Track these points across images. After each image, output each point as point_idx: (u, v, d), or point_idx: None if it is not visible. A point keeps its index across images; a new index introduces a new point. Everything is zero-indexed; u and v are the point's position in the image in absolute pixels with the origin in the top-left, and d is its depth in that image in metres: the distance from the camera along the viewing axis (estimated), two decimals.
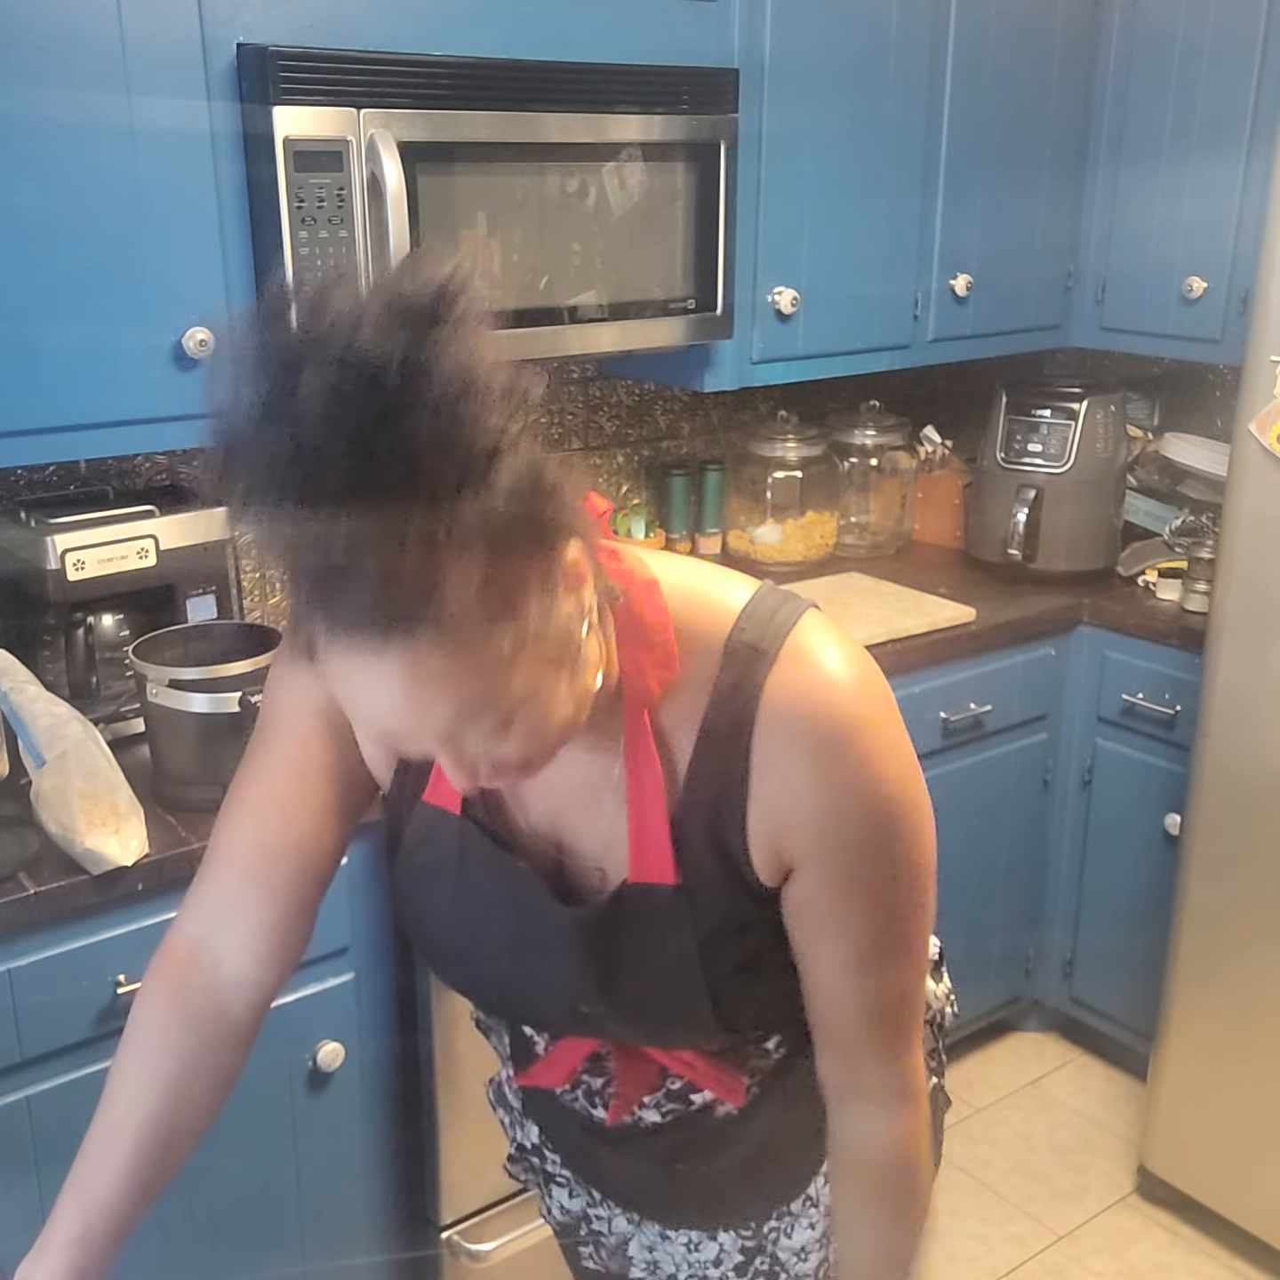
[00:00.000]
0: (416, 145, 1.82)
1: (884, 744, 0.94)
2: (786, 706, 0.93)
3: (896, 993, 1.02)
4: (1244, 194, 2.49)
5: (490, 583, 0.76)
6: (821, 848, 0.95)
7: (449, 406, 0.76)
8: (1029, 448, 2.73)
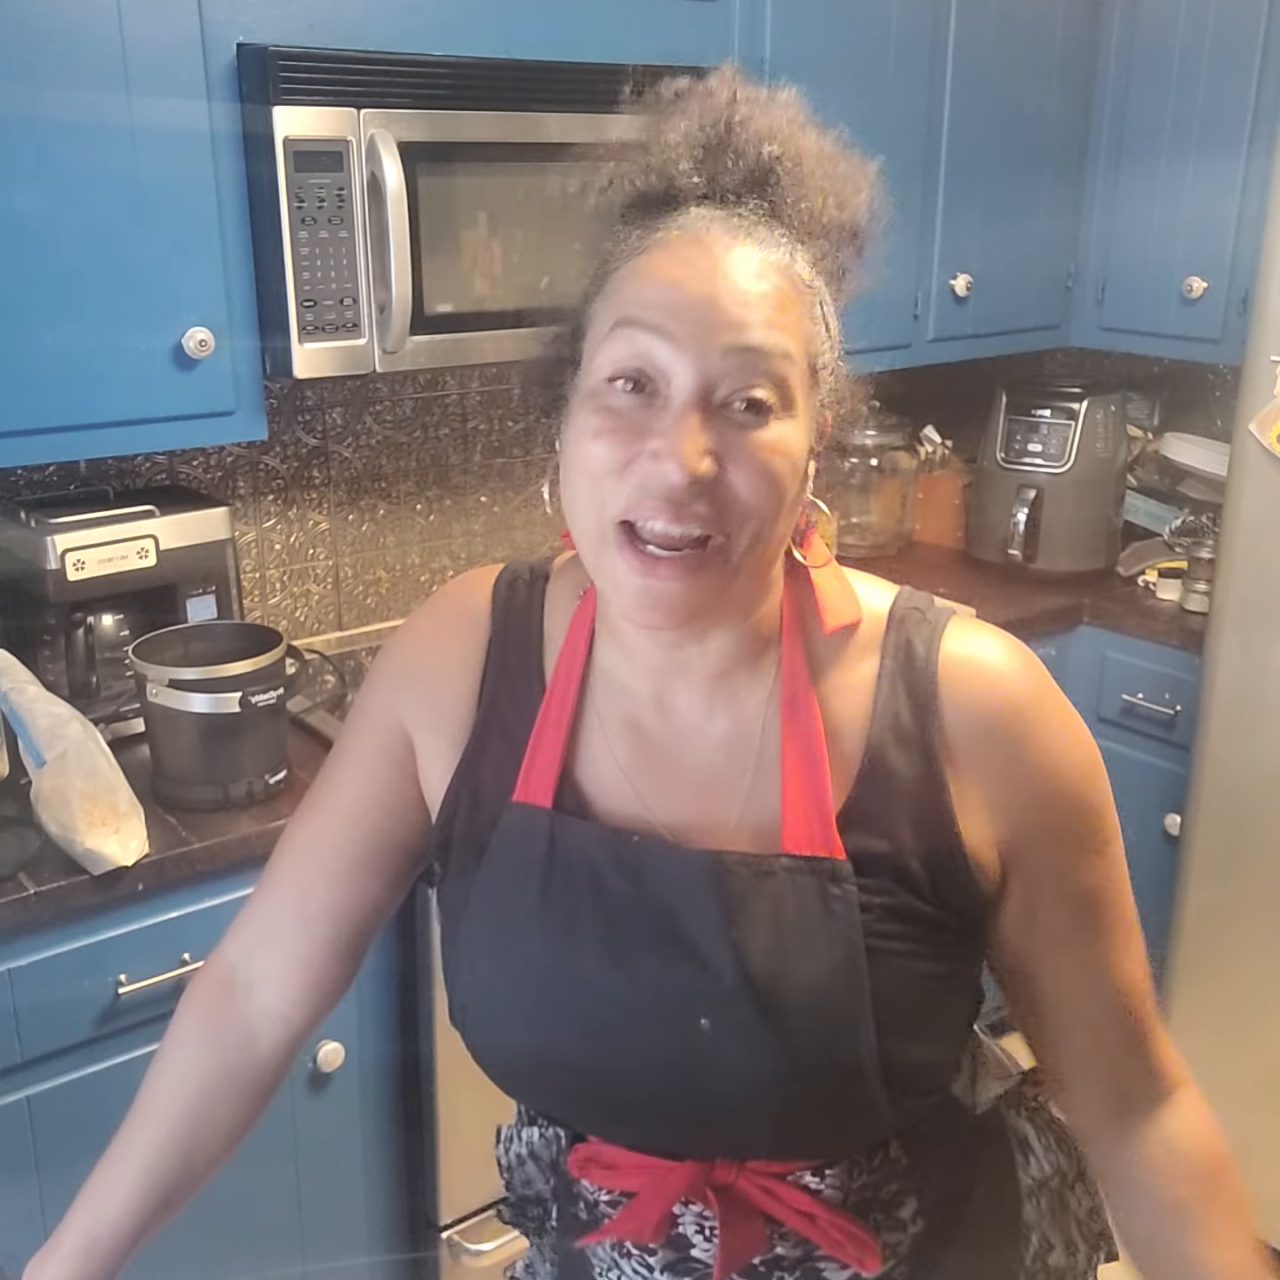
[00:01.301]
0: (416, 145, 1.82)
1: (1062, 709, 0.90)
2: (968, 669, 0.87)
3: (1144, 971, 0.95)
4: (1244, 194, 2.49)
5: (832, 334, 0.85)
6: (1042, 826, 0.88)
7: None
8: (1029, 448, 2.73)
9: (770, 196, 0.84)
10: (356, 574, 2.41)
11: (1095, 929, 0.92)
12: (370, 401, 2.35)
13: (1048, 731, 0.88)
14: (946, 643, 0.88)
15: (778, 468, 0.80)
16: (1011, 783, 0.87)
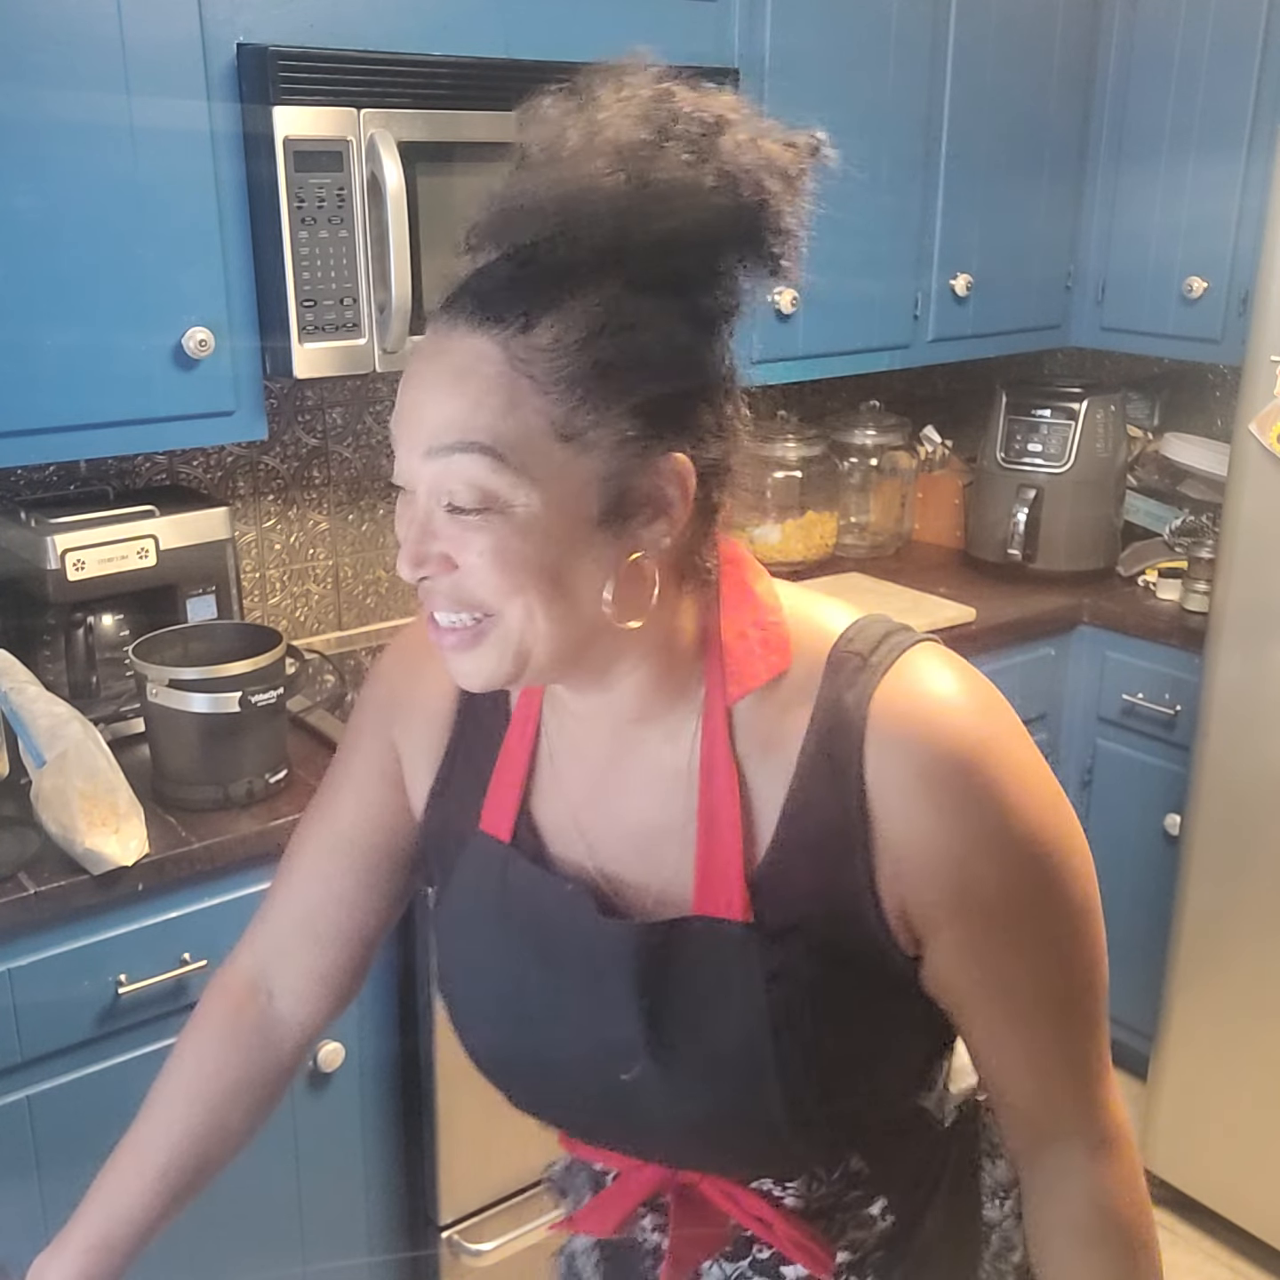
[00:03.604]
0: (416, 145, 1.82)
1: (1015, 766, 0.82)
2: (895, 727, 0.81)
3: (1078, 1044, 0.88)
4: (1244, 194, 2.49)
5: (597, 398, 0.75)
6: (962, 901, 0.82)
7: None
8: (1029, 448, 2.73)
9: (494, 273, 0.82)
10: (356, 574, 2.41)
11: (1021, 1009, 0.86)
12: (370, 401, 2.35)
13: (989, 792, 0.81)
14: (883, 689, 0.81)
15: (504, 559, 0.76)
16: (930, 851, 0.81)
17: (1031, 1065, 0.88)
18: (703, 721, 0.85)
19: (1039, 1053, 0.87)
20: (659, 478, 0.78)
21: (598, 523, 0.77)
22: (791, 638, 0.85)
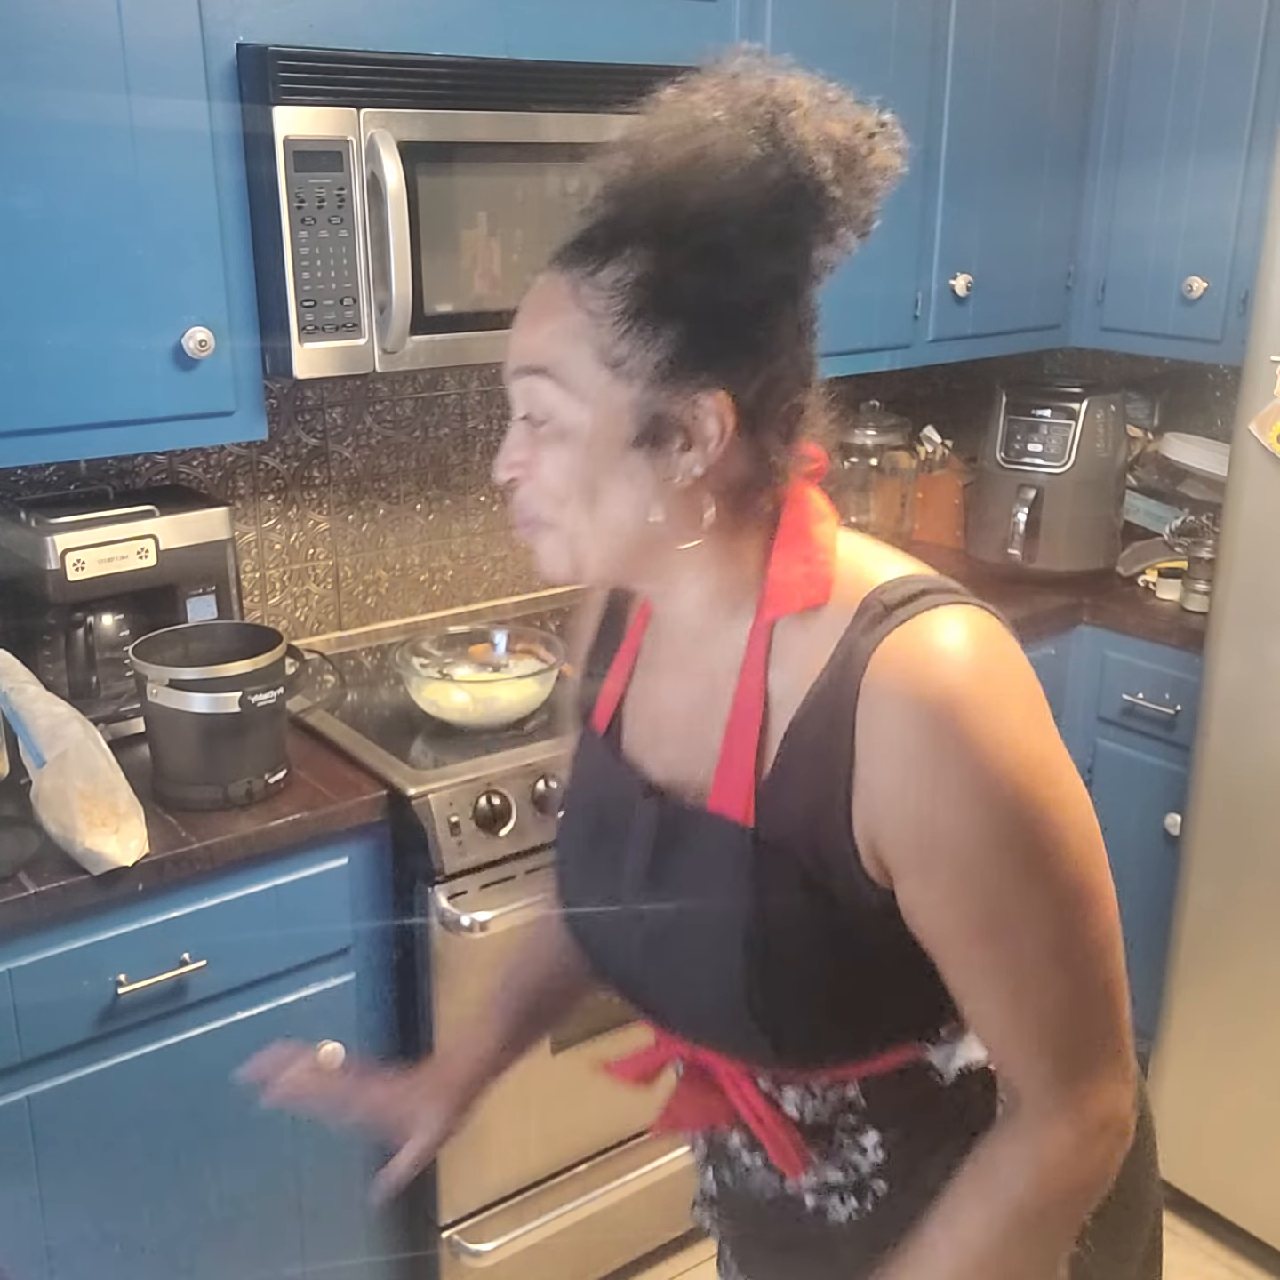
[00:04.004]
0: (416, 145, 1.82)
1: (1000, 729, 0.84)
2: (888, 671, 0.86)
3: (1049, 1017, 0.89)
4: (1244, 194, 2.49)
5: (637, 333, 0.88)
6: (929, 850, 0.86)
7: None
8: (1029, 448, 2.73)
9: (582, 229, 0.92)
10: (356, 574, 2.41)
11: (983, 963, 0.89)
12: (370, 401, 2.35)
13: (966, 738, 0.84)
14: (892, 638, 0.87)
15: (557, 470, 0.91)
16: (905, 790, 0.85)
17: (995, 1023, 0.91)
18: (749, 637, 0.95)
19: (1004, 1013, 0.90)
20: (692, 411, 0.89)
21: (632, 444, 0.89)
22: (836, 579, 0.93)
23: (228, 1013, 1.75)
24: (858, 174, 0.89)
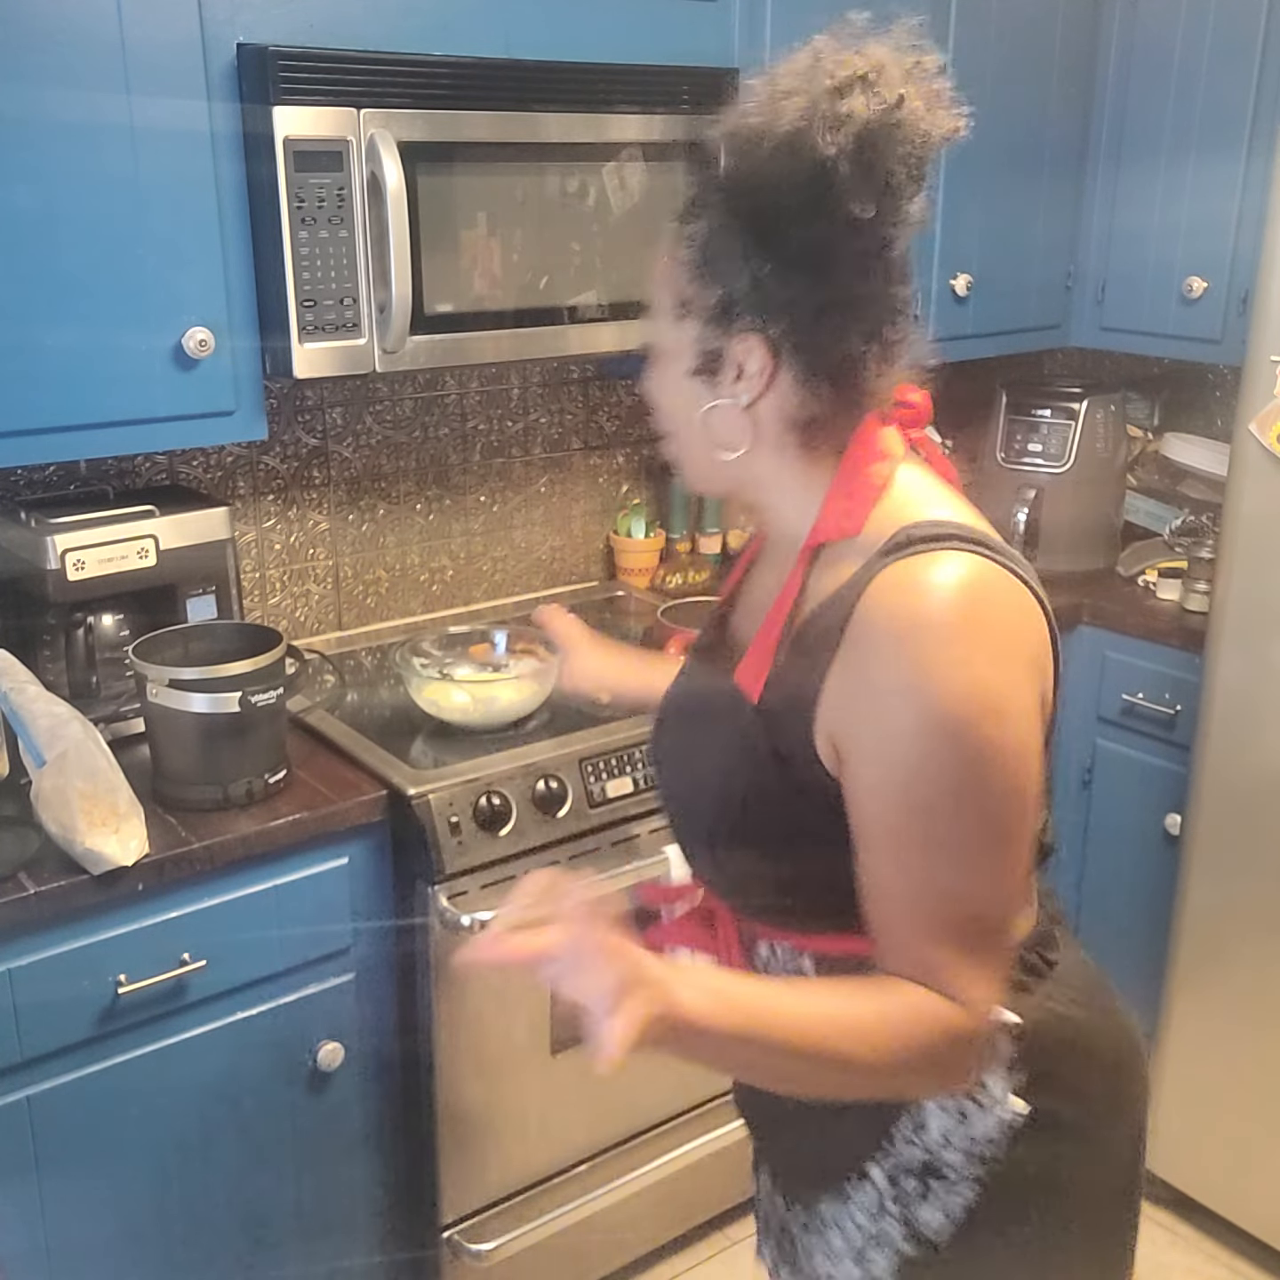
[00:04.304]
0: (416, 145, 1.82)
1: (954, 658, 0.96)
2: (879, 596, 0.99)
3: (934, 909, 0.99)
4: (1244, 194, 2.49)
5: (699, 280, 1.06)
6: (862, 739, 0.99)
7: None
8: (1029, 448, 2.73)
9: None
10: (356, 574, 2.41)
11: (885, 852, 1.00)
12: (370, 401, 2.35)
13: (916, 661, 0.96)
14: (896, 566, 1.00)
15: (654, 396, 1.14)
16: (854, 694, 1.00)
17: (886, 907, 1.02)
18: (799, 555, 1.09)
19: (900, 908, 1.01)
20: (740, 348, 1.05)
21: (691, 374, 1.08)
22: (880, 514, 1.06)
23: (228, 1013, 1.75)
24: (891, 155, 1.00)
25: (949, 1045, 0.99)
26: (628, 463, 2.71)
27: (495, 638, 2.19)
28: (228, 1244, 1.84)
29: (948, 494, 1.09)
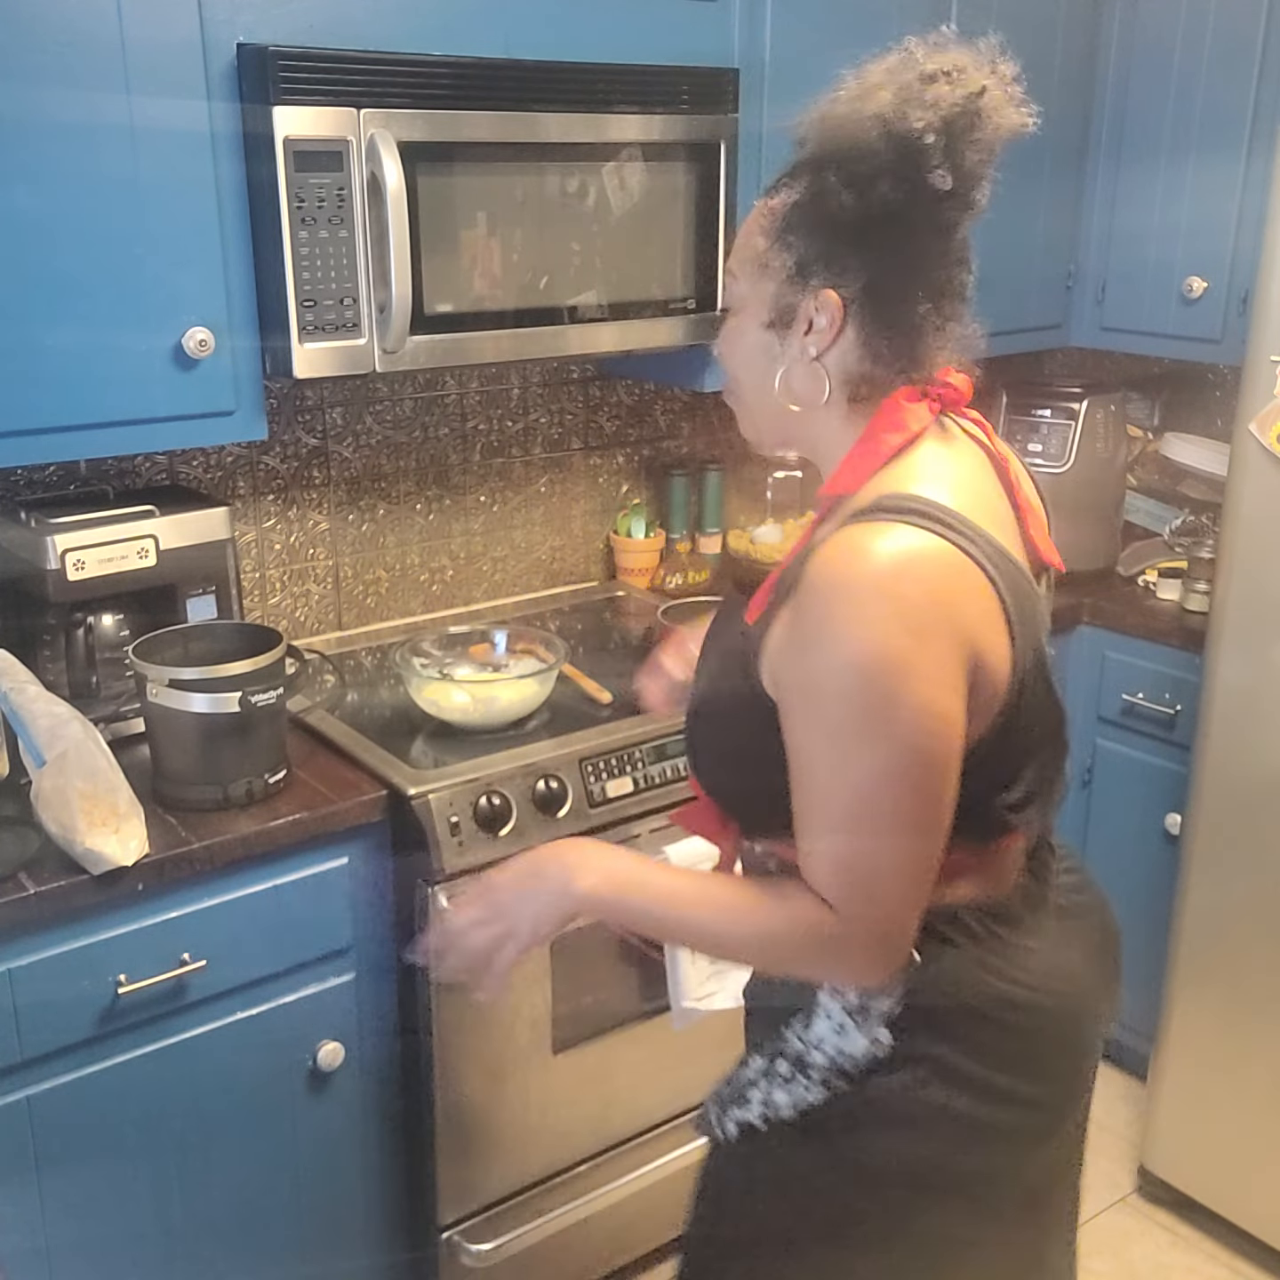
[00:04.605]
0: (416, 145, 1.82)
1: (867, 615, 1.06)
2: (825, 554, 1.09)
3: (831, 829, 1.11)
4: (1244, 194, 2.49)
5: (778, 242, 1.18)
6: (788, 678, 1.12)
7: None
8: (1029, 448, 2.73)
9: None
10: (356, 574, 2.41)
11: (801, 787, 1.13)
12: (370, 401, 2.35)
13: (834, 616, 1.07)
14: (852, 529, 1.10)
15: (725, 350, 1.26)
16: (791, 637, 1.11)
17: (810, 841, 1.13)
18: (818, 506, 1.24)
19: (817, 835, 1.13)
20: (813, 303, 1.17)
21: (767, 326, 1.20)
22: (876, 480, 1.15)
23: (228, 1013, 1.75)
24: (969, 138, 1.16)
25: (807, 937, 1.14)
26: (628, 463, 2.71)
27: (495, 638, 2.19)
28: (227, 1244, 1.84)
29: (957, 476, 1.17)
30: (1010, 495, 1.23)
